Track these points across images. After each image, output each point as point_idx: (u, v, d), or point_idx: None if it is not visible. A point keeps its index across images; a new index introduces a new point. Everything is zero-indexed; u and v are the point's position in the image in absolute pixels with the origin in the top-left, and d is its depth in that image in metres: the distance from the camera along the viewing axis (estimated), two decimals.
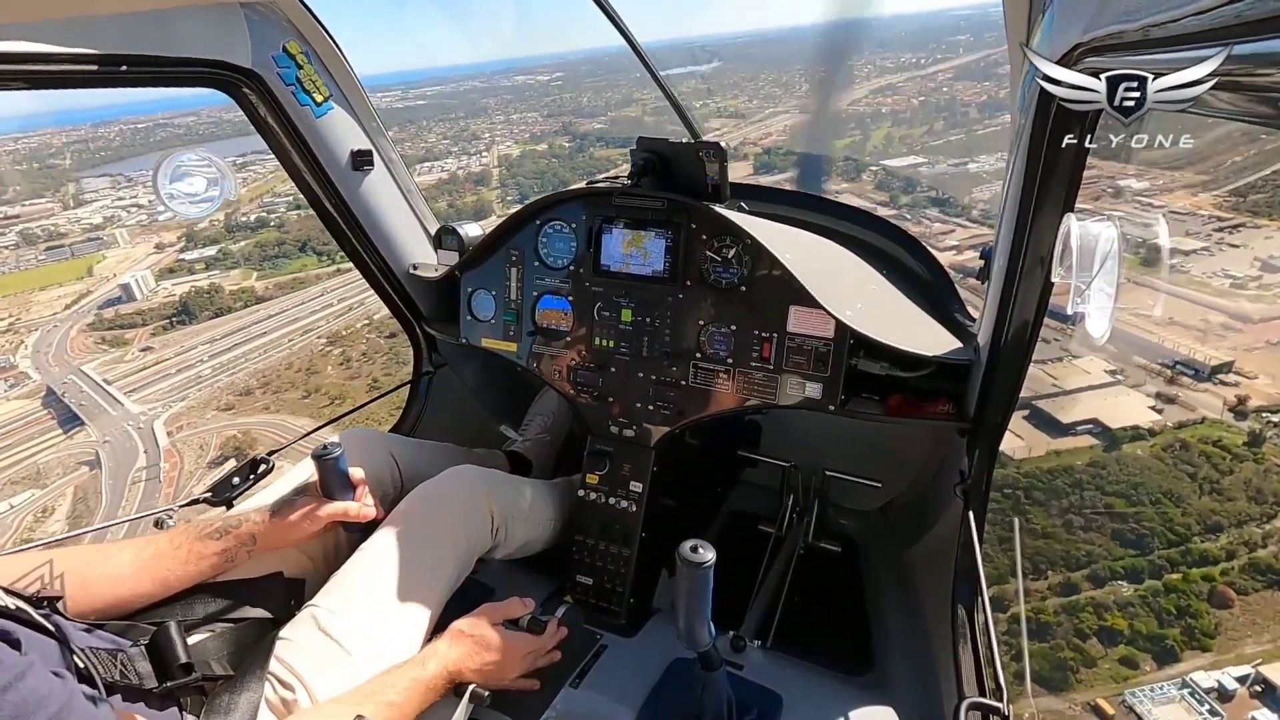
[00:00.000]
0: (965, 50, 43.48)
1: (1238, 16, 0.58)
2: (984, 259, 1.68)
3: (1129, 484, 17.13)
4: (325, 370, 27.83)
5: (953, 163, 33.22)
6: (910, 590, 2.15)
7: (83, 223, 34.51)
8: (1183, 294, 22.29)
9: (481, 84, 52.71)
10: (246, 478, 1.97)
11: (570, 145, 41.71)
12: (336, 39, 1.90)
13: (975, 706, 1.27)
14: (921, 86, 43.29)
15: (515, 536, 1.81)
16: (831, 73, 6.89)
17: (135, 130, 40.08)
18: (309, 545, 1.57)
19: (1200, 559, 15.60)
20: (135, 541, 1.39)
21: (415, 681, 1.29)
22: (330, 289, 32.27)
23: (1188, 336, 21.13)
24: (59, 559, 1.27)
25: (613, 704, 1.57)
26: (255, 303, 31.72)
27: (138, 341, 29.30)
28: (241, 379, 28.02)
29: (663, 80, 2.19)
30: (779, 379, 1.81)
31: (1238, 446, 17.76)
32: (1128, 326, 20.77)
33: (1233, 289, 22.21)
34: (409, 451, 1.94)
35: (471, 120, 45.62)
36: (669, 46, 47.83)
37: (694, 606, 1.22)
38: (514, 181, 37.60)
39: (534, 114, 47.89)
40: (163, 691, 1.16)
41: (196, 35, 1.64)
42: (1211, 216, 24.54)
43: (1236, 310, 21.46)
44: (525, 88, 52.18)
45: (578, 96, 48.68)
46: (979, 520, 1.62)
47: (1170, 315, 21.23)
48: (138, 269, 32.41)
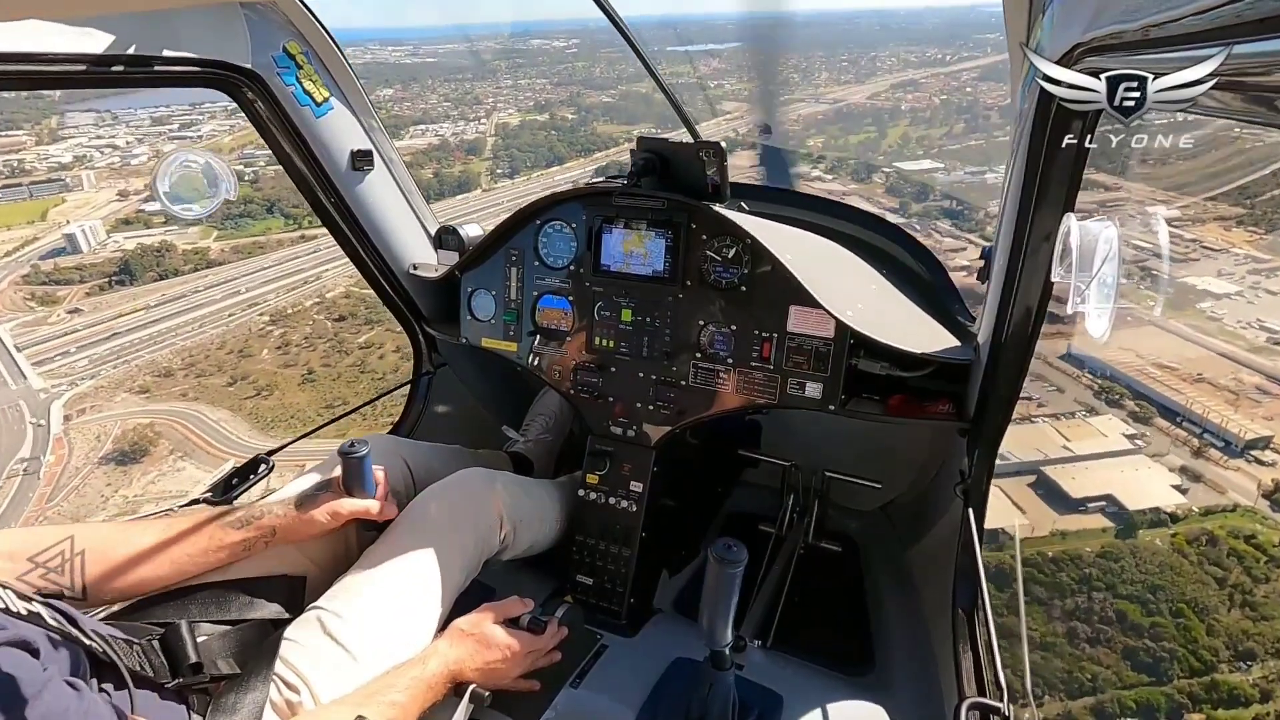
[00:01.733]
0: (994, 49, 42.34)
1: (1238, 16, 0.58)
2: (984, 259, 1.69)
3: (1146, 585, 14.21)
4: (260, 354, 25.09)
5: (970, 170, 31.78)
6: (910, 590, 2.15)
7: (50, 161, 31.82)
8: (1212, 344, 19.60)
9: (497, 45, 50.08)
10: (246, 477, 1.97)
11: (574, 117, 40.28)
12: (336, 39, 1.90)
13: (975, 706, 1.27)
14: (944, 84, 41.99)
15: (522, 539, 1.81)
16: (770, 60, 6.79)
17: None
18: (315, 546, 1.57)
19: (1229, 696, 12.55)
20: (159, 523, 1.40)
21: (416, 681, 1.30)
22: (289, 257, 29.63)
23: (1217, 398, 18.10)
24: (80, 535, 1.28)
25: (613, 704, 1.57)
26: (205, 267, 29.12)
27: (69, 301, 26.15)
28: (166, 357, 25.09)
29: (661, 78, 2.19)
30: (779, 379, 1.81)
31: (1275, 546, 14.67)
32: (1150, 380, 18.80)
33: (1270, 345, 19.00)
34: (419, 454, 1.94)
35: (478, 83, 43.19)
36: (684, 20, 44.80)
37: (720, 604, 1.23)
38: (507, 153, 35.85)
39: (543, 80, 45.63)
40: (174, 688, 1.17)
41: (196, 35, 1.63)
42: (1247, 256, 21.92)
43: (1275, 370, 18.43)
44: (540, 52, 49.71)
45: (590, 66, 46.45)
46: (979, 520, 1.62)
47: (1199, 371, 18.75)
48: (90, 218, 29.18)
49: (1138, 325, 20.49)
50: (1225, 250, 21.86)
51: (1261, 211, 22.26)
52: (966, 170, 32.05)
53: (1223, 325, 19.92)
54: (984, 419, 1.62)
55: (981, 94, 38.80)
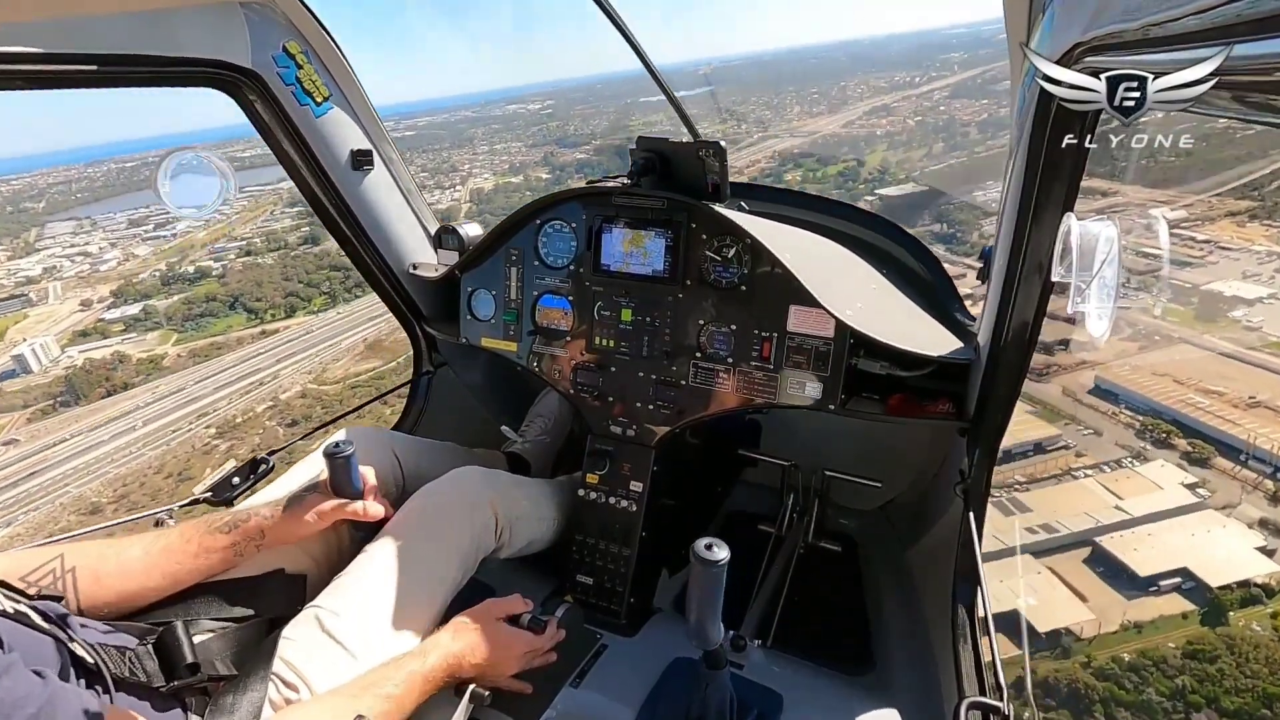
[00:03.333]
0: (960, 67, 42.08)
1: (1238, 16, 0.58)
2: (984, 259, 1.68)
3: (1258, 694, 10.63)
4: (201, 475, 22.33)
5: (958, 192, 30.29)
6: (910, 590, 2.15)
7: (19, 275, 31.71)
8: (1258, 359, 16.91)
9: (473, 113, 51.08)
10: (246, 477, 1.97)
11: (548, 177, 40.42)
12: (336, 39, 1.90)
13: (976, 706, 1.27)
14: (917, 106, 41.97)
15: (519, 537, 1.81)
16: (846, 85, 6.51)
17: (121, 169, 38.47)
18: (311, 544, 1.57)
19: None
20: (145, 536, 1.40)
21: (413, 675, 1.30)
22: (247, 356, 28.59)
23: (1276, 423, 15.34)
24: (70, 554, 1.28)
25: (613, 704, 1.57)
26: (158, 376, 27.57)
27: (7, 431, 24.15)
28: (96, 489, 22.35)
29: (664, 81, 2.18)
30: (779, 378, 1.81)
31: None
32: (1198, 412, 16.00)
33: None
34: (412, 451, 1.94)
35: (455, 151, 44.26)
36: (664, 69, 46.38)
37: (706, 605, 1.22)
38: (480, 219, 35.73)
39: (518, 144, 46.49)
40: (169, 691, 1.16)
41: (196, 35, 1.63)
42: (1270, 253, 19.58)
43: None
44: (515, 116, 51.02)
45: (565, 125, 47.72)
46: (979, 520, 1.62)
47: (1251, 394, 15.86)
48: (48, 333, 28.30)
49: (1168, 345, 18.30)
50: (1245, 249, 19.80)
51: (1273, 203, 20.53)
52: (954, 192, 30.59)
53: (1264, 336, 17.67)
54: (984, 418, 1.62)
55: (956, 111, 38.50)
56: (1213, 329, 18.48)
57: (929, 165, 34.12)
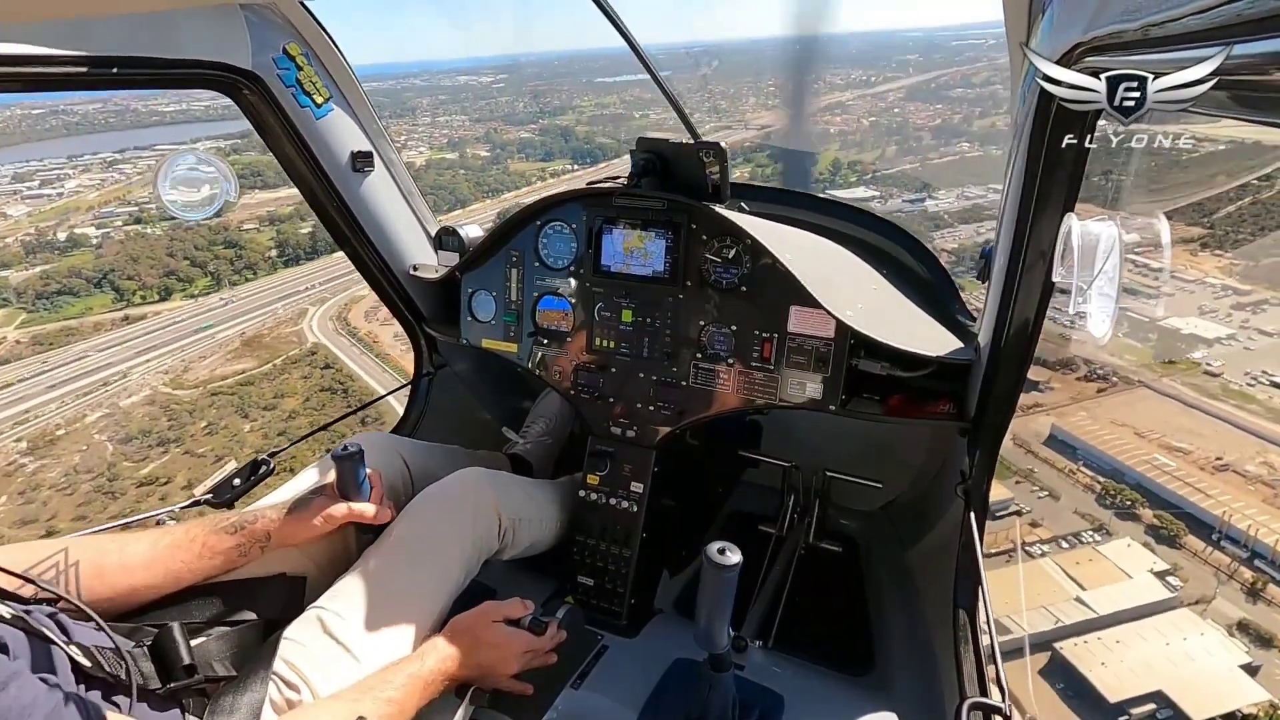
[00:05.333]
0: (915, 70, 41.15)
1: (1238, 16, 0.58)
2: (984, 259, 1.68)
3: None
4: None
5: (908, 199, 29.00)
6: (911, 590, 2.15)
7: None
8: (1222, 412, 15.10)
9: (422, 82, 48.55)
10: (247, 479, 1.97)
11: (487, 155, 38.87)
12: (336, 40, 1.91)
13: (977, 706, 1.27)
14: (872, 106, 40.89)
15: (522, 539, 1.81)
16: (803, 79, 6.59)
17: (26, 117, 34.38)
18: (314, 547, 1.57)
19: None
20: (151, 532, 1.40)
21: (413, 678, 1.29)
22: (100, 346, 23.50)
23: (1250, 494, 13.55)
24: (74, 548, 1.28)
25: (614, 705, 1.57)
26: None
27: None
28: None
29: (662, 79, 2.19)
30: (780, 379, 1.81)
31: None
32: (1163, 476, 14.28)
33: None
34: (418, 454, 1.94)
35: (395, 121, 40.77)
36: (613, 52, 44.30)
37: (716, 608, 1.22)
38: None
39: (463, 117, 44.22)
40: (165, 693, 1.16)
41: (196, 37, 1.64)
42: (1225, 287, 17.93)
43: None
44: (464, 88, 48.36)
45: (514, 101, 45.79)
46: (980, 520, 1.62)
47: (1219, 454, 14.11)
48: None
49: (1127, 388, 16.71)
50: (1199, 281, 18.25)
51: (1223, 231, 18.96)
52: (905, 199, 29.60)
53: (1226, 384, 16.09)
54: (984, 419, 1.62)
55: (910, 114, 37.58)
56: (1172, 371, 17.03)
57: (882, 169, 33.07)
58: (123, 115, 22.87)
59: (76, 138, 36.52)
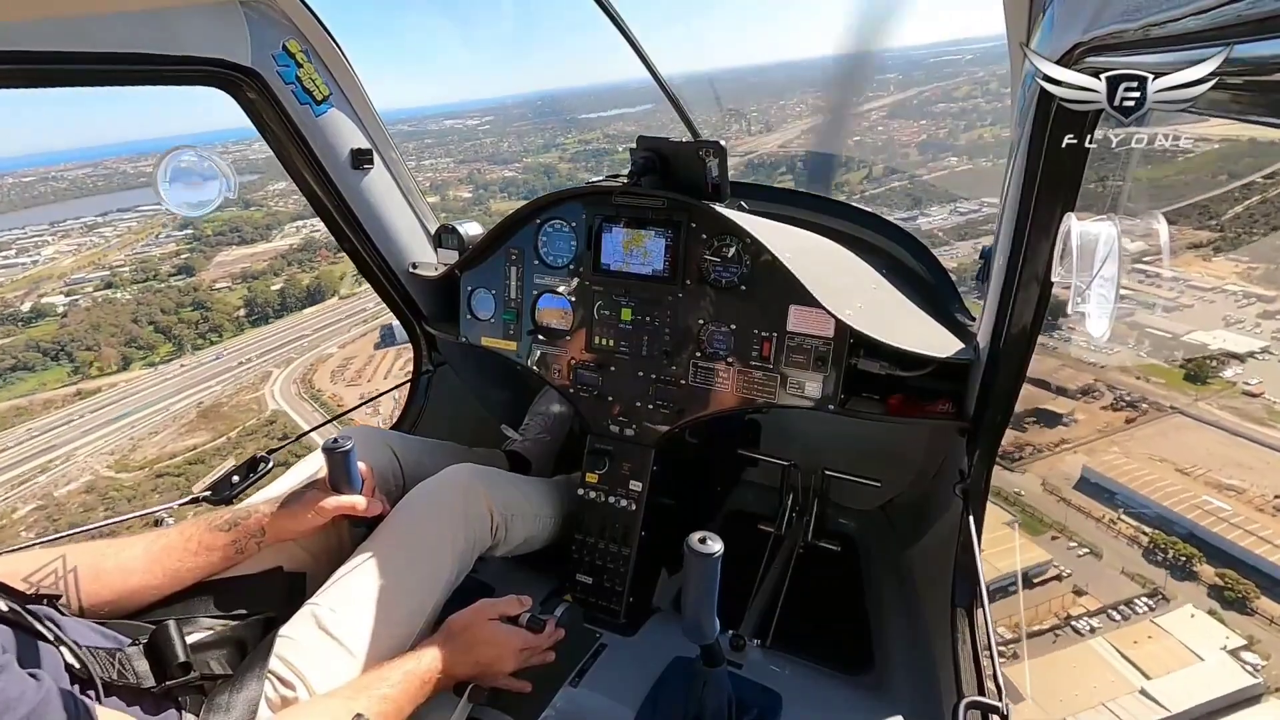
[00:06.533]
0: (896, 88, 41.07)
1: (1238, 16, 0.58)
2: (984, 259, 1.68)
3: None
4: None
5: (900, 217, 27.29)
6: (910, 590, 2.15)
7: None
8: (1270, 438, 12.81)
9: (409, 128, 48.04)
10: (246, 476, 1.97)
11: (469, 196, 38.42)
12: (336, 38, 1.90)
13: (975, 705, 1.27)
14: (856, 125, 40.65)
15: (515, 534, 1.81)
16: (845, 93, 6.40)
17: (17, 184, 34.93)
18: (309, 542, 1.57)
19: None
20: (146, 535, 1.41)
21: (409, 675, 1.30)
22: (48, 426, 21.59)
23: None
24: (72, 553, 1.29)
25: (612, 703, 1.57)
26: None
27: None
28: None
29: (662, 78, 2.18)
30: (779, 378, 1.81)
31: None
32: (1215, 523, 12.08)
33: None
34: (411, 449, 1.94)
35: None
36: (600, 89, 41.97)
37: (701, 599, 1.21)
38: None
39: (448, 159, 43.78)
40: (160, 691, 1.16)
41: (196, 34, 1.63)
42: (1246, 294, 16.24)
43: None
44: (450, 132, 48.44)
45: (498, 142, 45.96)
46: (978, 520, 1.62)
47: (1276, 487, 11.84)
48: None
49: (1159, 416, 14.24)
50: (1217, 289, 16.43)
51: (1234, 233, 17.33)
52: (896, 217, 29.26)
53: (1270, 404, 13.80)
54: (984, 418, 1.62)
55: (894, 131, 37.05)
56: (1206, 392, 14.80)
57: (869, 189, 32.86)
58: (110, 179, 21.95)
59: (60, 204, 36.51)
